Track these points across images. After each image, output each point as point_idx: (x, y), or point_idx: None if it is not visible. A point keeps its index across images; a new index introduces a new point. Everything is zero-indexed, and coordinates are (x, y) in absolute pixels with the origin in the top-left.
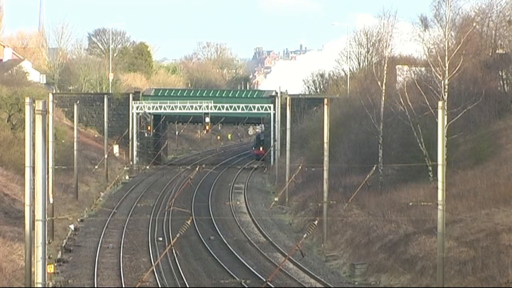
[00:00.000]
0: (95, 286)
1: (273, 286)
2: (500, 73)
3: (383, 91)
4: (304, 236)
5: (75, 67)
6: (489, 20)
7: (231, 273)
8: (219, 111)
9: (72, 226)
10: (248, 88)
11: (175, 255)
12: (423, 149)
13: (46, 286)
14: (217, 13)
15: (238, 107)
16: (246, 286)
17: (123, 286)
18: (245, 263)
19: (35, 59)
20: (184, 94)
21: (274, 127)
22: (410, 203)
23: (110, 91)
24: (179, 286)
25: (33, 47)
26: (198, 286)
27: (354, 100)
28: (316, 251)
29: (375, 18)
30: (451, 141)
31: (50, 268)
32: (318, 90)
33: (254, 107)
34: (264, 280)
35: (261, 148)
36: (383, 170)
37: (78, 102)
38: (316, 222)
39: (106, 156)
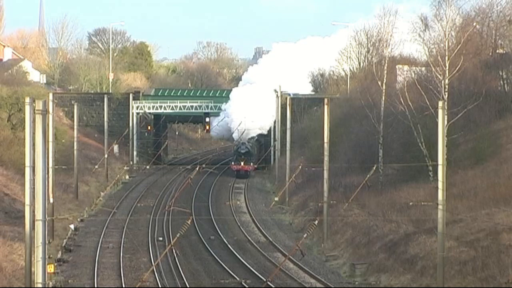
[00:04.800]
0: (95, 286)
1: (273, 286)
2: (501, 73)
3: (383, 91)
4: (304, 236)
5: (75, 67)
6: (490, 20)
7: (231, 273)
8: (219, 111)
9: (72, 226)
10: None
11: (175, 255)
12: (423, 149)
13: (46, 286)
14: (217, 13)
15: None
16: (246, 286)
17: (123, 286)
18: (245, 263)
19: (35, 59)
20: (184, 94)
21: (274, 127)
22: (410, 203)
23: (110, 91)
24: (179, 286)
25: (33, 46)
26: (198, 286)
27: (354, 100)
28: (316, 251)
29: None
30: (451, 141)
31: (50, 268)
32: (318, 90)
33: None
34: (264, 280)
35: (242, 163)
36: (383, 170)
37: (77, 102)
38: (316, 222)
39: (106, 156)
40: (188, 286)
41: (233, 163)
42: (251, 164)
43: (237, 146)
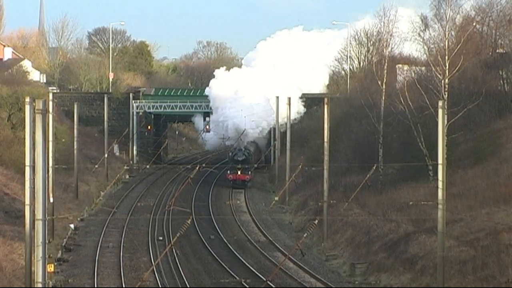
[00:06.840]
0: (95, 285)
1: (273, 286)
2: (500, 73)
3: (383, 90)
4: (304, 235)
5: (75, 66)
6: (489, 20)
7: (232, 273)
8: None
9: (72, 226)
10: None
11: (175, 255)
12: (423, 149)
13: (46, 286)
14: (217, 13)
15: None
16: (246, 286)
17: (123, 285)
18: (245, 263)
19: (35, 59)
20: (184, 94)
21: (275, 127)
22: (410, 203)
23: (110, 91)
24: (179, 286)
25: (33, 46)
26: (198, 286)
27: (354, 99)
28: (316, 250)
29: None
30: (451, 141)
31: (50, 268)
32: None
33: None
34: (264, 279)
35: (239, 172)
36: (383, 169)
37: (78, 101)
38: (316, 222)
39: (106, 155)
40: (188, 286)
41: (228, 172)
42: (249, 172)
43: (233, 153)
